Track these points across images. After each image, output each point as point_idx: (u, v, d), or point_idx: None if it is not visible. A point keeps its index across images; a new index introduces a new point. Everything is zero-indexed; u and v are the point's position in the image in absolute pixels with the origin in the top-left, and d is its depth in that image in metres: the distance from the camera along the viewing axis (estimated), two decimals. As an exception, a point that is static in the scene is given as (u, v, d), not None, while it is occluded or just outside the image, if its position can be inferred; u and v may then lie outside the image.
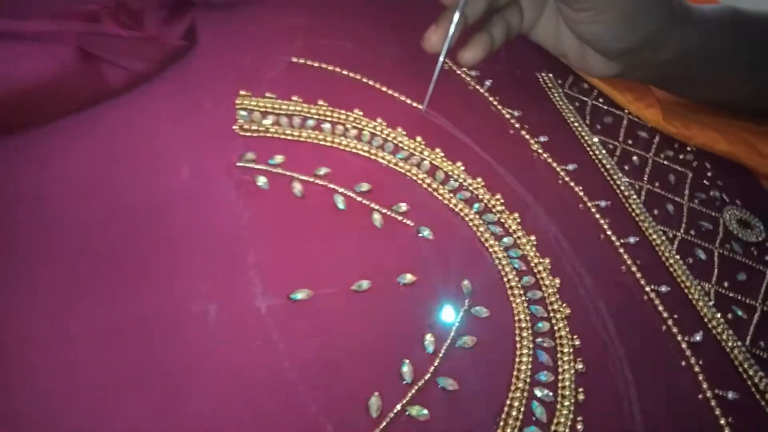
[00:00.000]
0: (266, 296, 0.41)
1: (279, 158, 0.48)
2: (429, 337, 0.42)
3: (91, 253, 0.39)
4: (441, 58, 0.54)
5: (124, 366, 0.35)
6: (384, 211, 0.48)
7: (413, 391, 0.40)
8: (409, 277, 0.45)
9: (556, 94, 0.67)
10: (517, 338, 0.45)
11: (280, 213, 0.45)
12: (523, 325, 0.46)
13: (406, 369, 0.40)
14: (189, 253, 0.41)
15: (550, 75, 0.69)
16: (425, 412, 0.39)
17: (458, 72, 0.64)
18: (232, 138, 0.48)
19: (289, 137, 0.50)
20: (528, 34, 0.61)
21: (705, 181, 0.65)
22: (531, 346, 0.45)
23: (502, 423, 0.40)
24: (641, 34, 0.55)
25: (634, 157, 0.64)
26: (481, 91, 0.63)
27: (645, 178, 0.62)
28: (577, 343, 0.46)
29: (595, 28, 0.54)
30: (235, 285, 0.40)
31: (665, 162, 0.65)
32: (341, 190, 0.48)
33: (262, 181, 0.46)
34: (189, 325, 0.38)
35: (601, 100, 0.69)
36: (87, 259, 0.38)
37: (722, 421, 0.45)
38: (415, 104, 0.58)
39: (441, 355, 0.42)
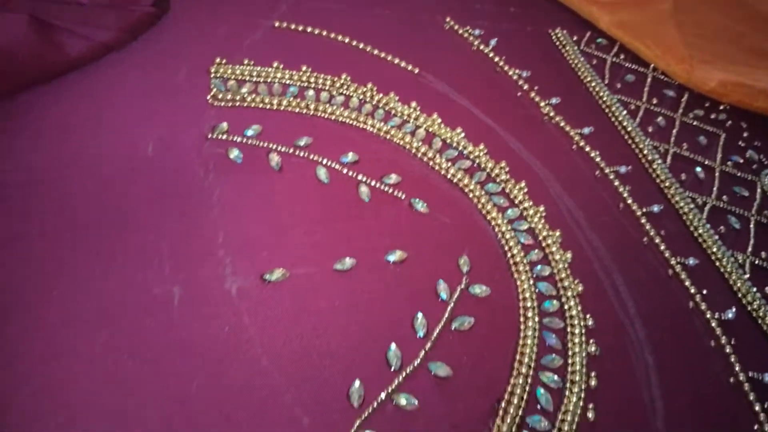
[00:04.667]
0: (237, 277, 0.37)
1: (255, 128, 0.44)
2: (420, 319, 0.38)
3: (50, 234, 0.36)
4: None
5: (92, 355, 0.32)
6: (372, 183, 0.44)
7: (400, 378, 0.36)
8: (399, 254, 0.41)
9: (570, 52, 0.61)
10: (521, 319, 0.40)
11: (255, 188, 0.41)
12: (529, 304, 0.41)
13: (392, 354, 0.36)
14: (152, 232, 0.37)
15: (564, 32, 0.63)
16: (414, 401, 0.35)
17: (460, 32, 0.59)
18: (204, 109, 0.44)
19: (268, 106, 0.46)
20: None
21: (740, 143, 0.59)
22: (537, 327, 0.40)
23: (501, 412, 0.36)
24: None
25: (659, 118, 0.58)
26: (486, 51, 0.58)
27: (671, 140, 0.56)
28: (590, 323, 0.41)
29: None
30: (202, 266, 0.37)
31: (694, 122, 0.59)
32: (324, 161, 0.44)
33: (234, 153, 0.42)
34: (152, 309, 0.34)
35: (622, 56, 0.63)
36: (51, 243, 0.36)
37: (757, 407, 0.40)
38: (410, 68, 0.54)
39: (433, 338, 0.38)
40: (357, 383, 0.35)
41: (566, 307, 0.42)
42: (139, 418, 0.31)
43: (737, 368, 0.42)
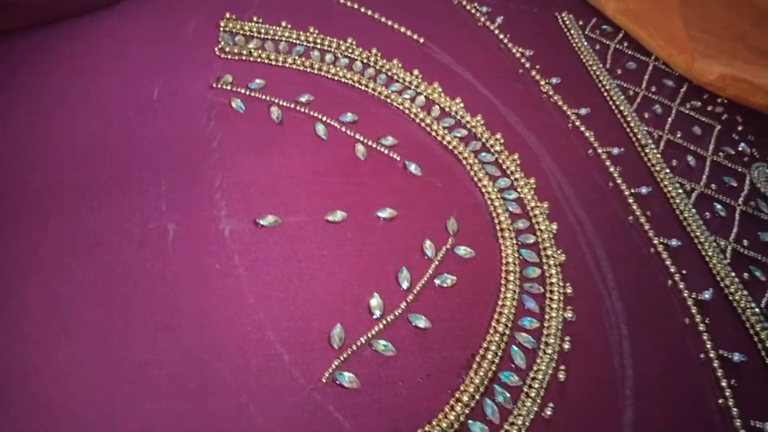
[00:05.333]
0: (231, 220, 0.38)
1: (259, 82, 0.45)
2: (405, 273, 0.40)
3: (58, 167, 0.37)
4: None
5: (85, 278, 0.34)
6: (369, 143, 0.46)
7: (381, 325, 0.37)
8: (389, 212, 0.42)
9: (575, 35, 0.62)
10: (502, 281, 0.42)
11: (254, 137, 0.42)
12: (511, 268, 0.42)
13: (375, 303, 0.38)
14: (151, 171, 0.39)
15: (570, 15, 0.64)
16: (392, 348, 0.36)
17: (468, 7, 0.60)
18: (211, 60, 0.46)
19: (273, 62, 0.47)
20: None
21: (734, 135, 0.60)
22: (517, 290, 0.41)
23: (475, 365, 0.37)
24: None
25: (656, 106, 0.59)
26: (492, 27, 0.59)
27: (666, 128, 0.57)
28: (569, 291, 0.42)
29: None
30: (199, 206, 0.38)
31: (691, 112, 0.60)
32: (324, 118, 0.45)
33: (237, 103, 0.43)
34: (146, 242, 0.36)
35: (626, 44, 0.64)
36: (54, 173, 0.37)
37: (724, 383, 0.41)
38: (415, 37, 0.55)
39: (415, 291, 0.39)
40: (338, 327, 0.36)
41: (547, 274, 0.43)
42: (125, 340, 0.33)
43: (708, 346, 0.43)
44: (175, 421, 0.31)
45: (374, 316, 0.37)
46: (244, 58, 0.47)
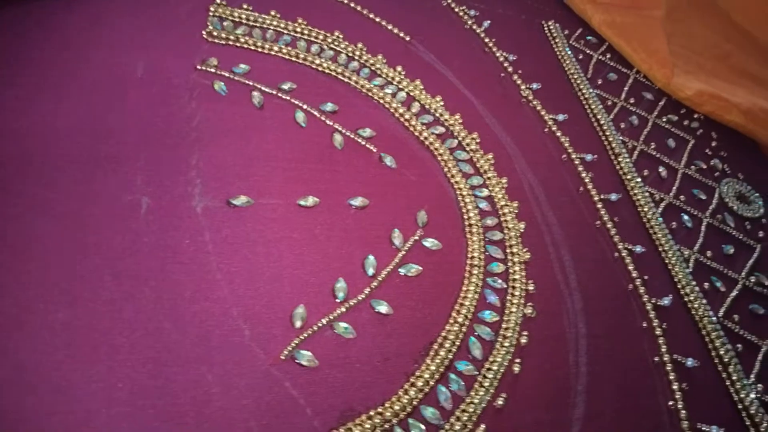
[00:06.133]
0: (204, 197, 0.39)
1: (243, 67, 0.46)
2: (371, 260, 0.41)
3: (40, 137, 0.38)
4: None
5: (62, 245, 0.35)
6: (347, 133, 0.47)
7: (343, 308, 0.38)
8: (361, 200, 0.43)
9: (559, 44, 0.64)
10: (466, 274, 0.43)
11: (234, 120, 0.43)
12: (476, 262, 0.44)
13: (339, 287, 0.39)
14: (130, 145, 0.40)
15: (557, 24, 0.66)
16: (352, 330, 0.37)
17: (456, 9, 0.61)
18: (198, 43, 0.47)
19: (259, 49, 0.48)
20: None
21: (707, 150, 0.61)
22: (479, 284, 0.43)
23: (432, 353, 0.38)
24: None
25: (633, 117, 0.60)
26: (478, 31, 0.60)
27: (641, 139, 0.59)
28: (530, 288, 0.44)
29: None
30: (174, 182, 0.39)
31: (667, 126, 0.62)
32: (304, 106, 0.46)
33: (219, 86, 0.44)
34: (120, 213, 0.37)
35: (609, 55, 0.66)
36: (37, 144, 0.38)
37: (675, 386, 0.43)
38: (401, 34, 0.56)
39: (380, 278, 0.40)
40: (301, 308, 0.37)
41: (511, 270, 0.44)
42: (92, 307, 0.33)
43: (663, 349, 0.44)
44: (134, 388, 0.32)
45: (337, 299, 0.38)
46: (231, 43, 0.48)
